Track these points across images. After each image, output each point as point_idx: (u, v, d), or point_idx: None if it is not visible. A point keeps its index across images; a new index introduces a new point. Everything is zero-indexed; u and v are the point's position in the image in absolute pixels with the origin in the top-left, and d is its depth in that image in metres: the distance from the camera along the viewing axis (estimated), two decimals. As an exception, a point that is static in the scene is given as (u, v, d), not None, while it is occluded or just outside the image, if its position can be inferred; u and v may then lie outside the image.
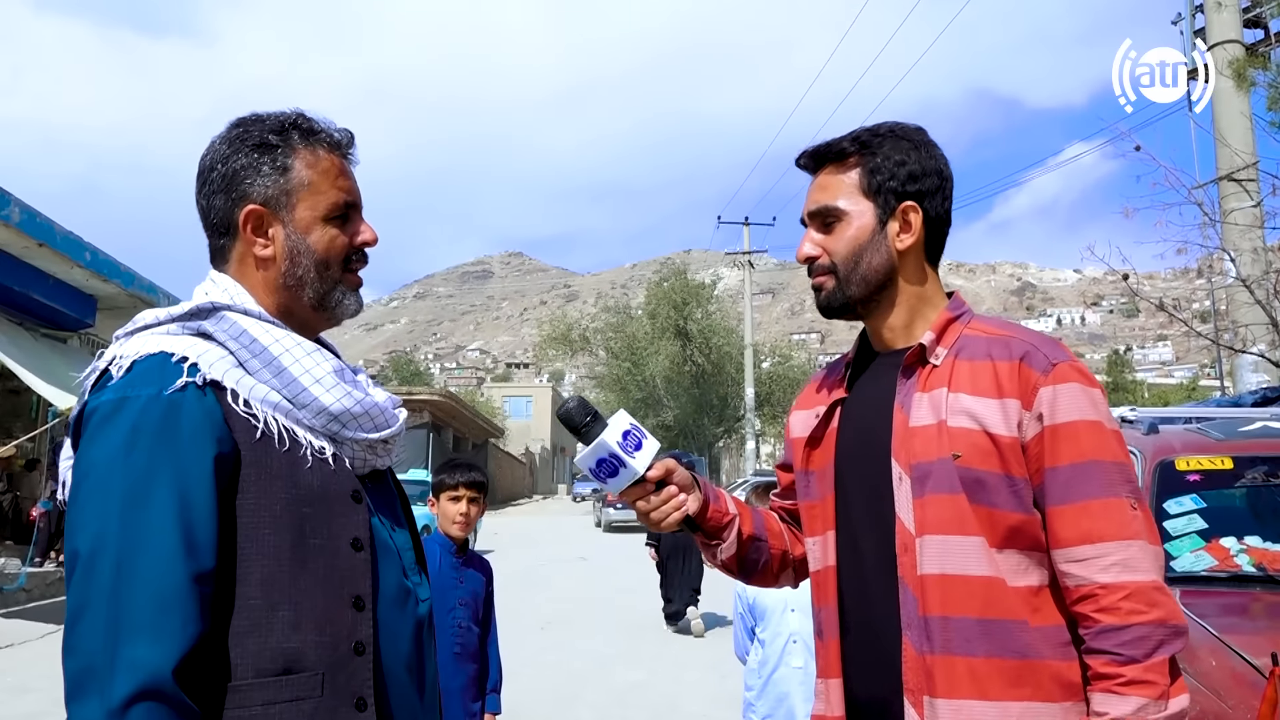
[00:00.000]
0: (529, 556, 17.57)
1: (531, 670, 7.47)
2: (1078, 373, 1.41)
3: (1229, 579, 3.46)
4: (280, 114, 1.40)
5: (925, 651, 1.37)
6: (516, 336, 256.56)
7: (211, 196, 1.38)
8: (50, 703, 6.50)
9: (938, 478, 1.39)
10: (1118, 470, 1.37)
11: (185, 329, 1.31)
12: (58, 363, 12.55)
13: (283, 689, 1.20)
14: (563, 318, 46.29)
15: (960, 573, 1.37)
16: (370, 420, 1.37)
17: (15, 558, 10.97)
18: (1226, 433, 4.16)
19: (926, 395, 1.45)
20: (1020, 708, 1.33)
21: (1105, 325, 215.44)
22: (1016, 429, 1.38)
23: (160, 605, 1.13)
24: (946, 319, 1.51)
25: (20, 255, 12.05)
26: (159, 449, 1.18)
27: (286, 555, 1.24)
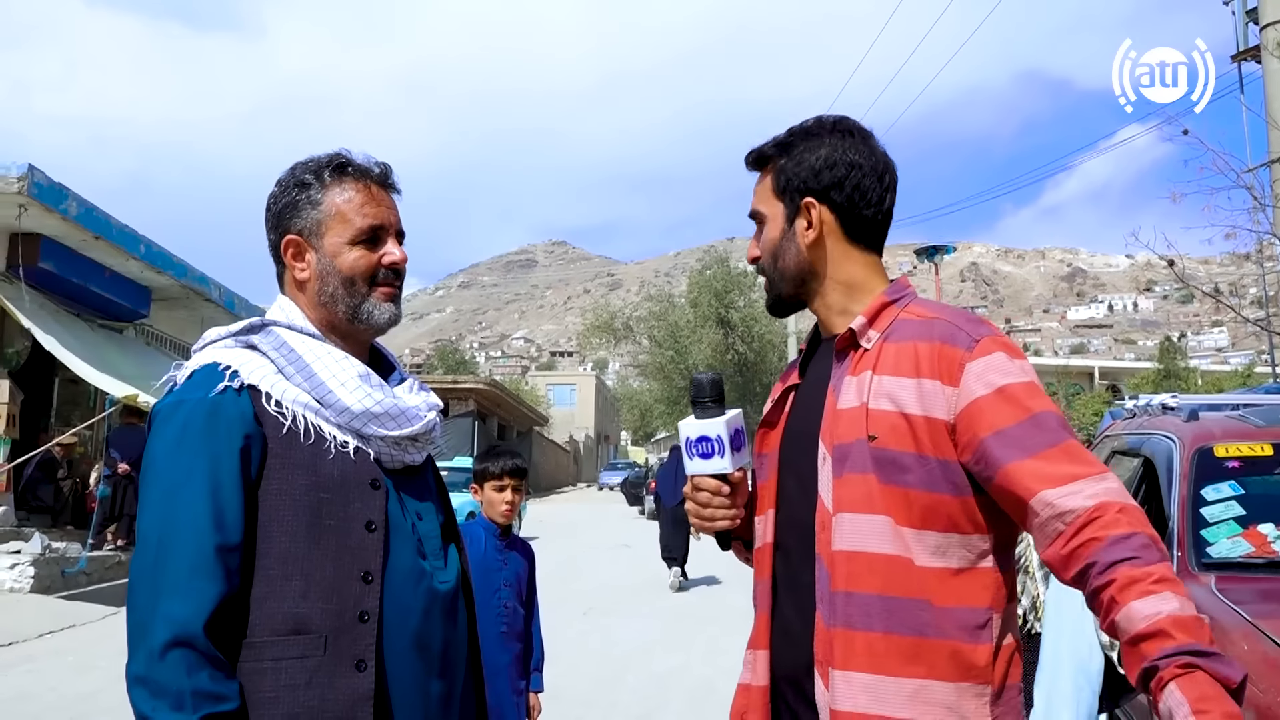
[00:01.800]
0: (572, 544, 17.74)
1: (574, 654, 7.58)
2: (1001, 345, 1.43)
3: (1266, 565, 3.45)
4: (323, 156, 1.62)
5: (831, 625, 1.41)
6: (560, 325, 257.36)
7: (269, 231, 1.63)
8: (110, 680, 6.74)
9: (854, 458, 1.43)
10: (1057, 420, 1.37)
11: (238, 342, 1.55)
12: (114, 353, 12.90)
13: (290, 647, 1.40)
14: (606, 306, 46.47)
15: (865, 550, 1.40)
16: (391, 419, 1.55)
17: (76, 542, 11.30)
18: (1268, 419, 4.12)
19: (855, 378, 1.49)
20: (915, 685, 1.35)
21: (1159, 311, 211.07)
22: (937, 409, 1.40)
23: (192, 570, 1.35)
24: (881, 303, 1.54)
25: (78, 248, 12.41)
26: (199, 444, 1.42)
27: (302, 533, 1.44)
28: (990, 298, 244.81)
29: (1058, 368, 42.29)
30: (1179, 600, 1.18)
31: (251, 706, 1.36)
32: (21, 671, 7.09)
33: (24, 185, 10.52)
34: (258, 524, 1.43)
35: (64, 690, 6.52)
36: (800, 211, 1.57)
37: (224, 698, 1.32)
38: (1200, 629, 1.16)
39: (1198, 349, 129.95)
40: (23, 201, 10.76)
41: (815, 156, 1.57)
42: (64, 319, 12.42)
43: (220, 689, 1.32)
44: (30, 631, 8.44)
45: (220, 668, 1.34)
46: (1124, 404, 5.48)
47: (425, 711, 1.50)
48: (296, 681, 1.39)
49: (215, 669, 1.33)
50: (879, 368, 1.46)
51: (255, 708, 1.36)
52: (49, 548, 10.61)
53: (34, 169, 10.68)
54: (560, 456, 54.42)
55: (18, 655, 7.65)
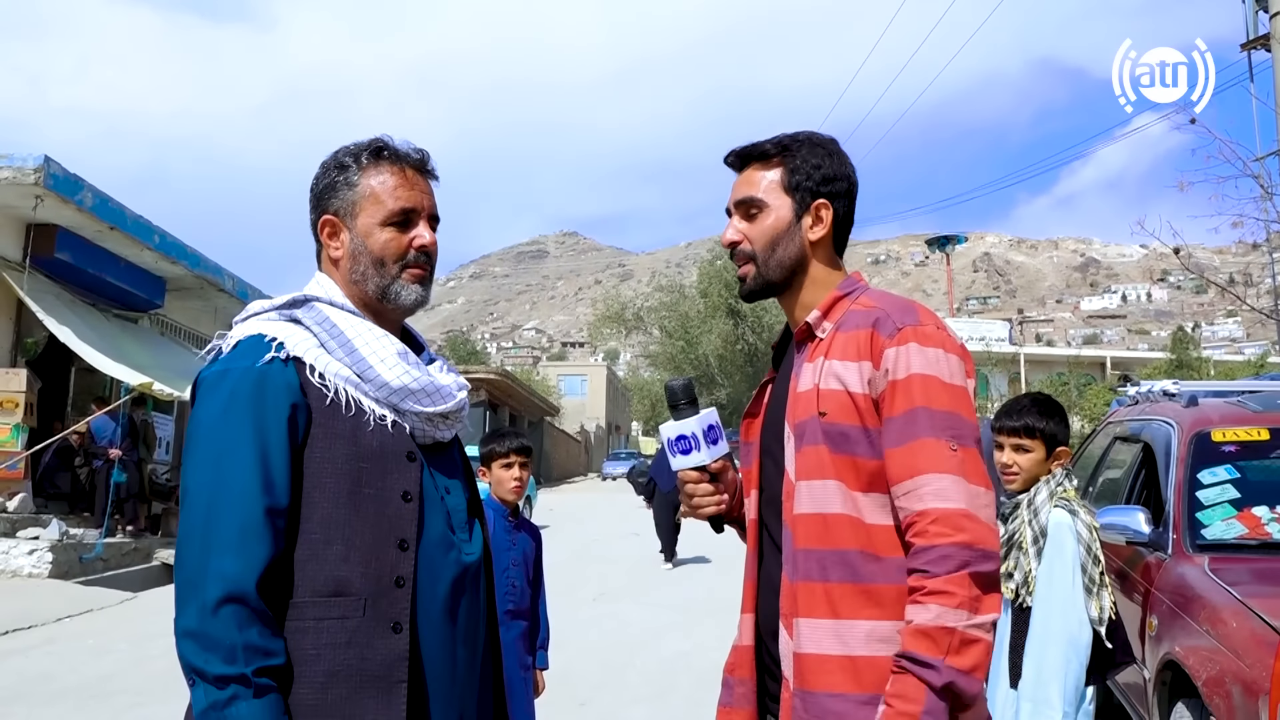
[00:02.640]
0: (583, 532, 17.84)
1: (585, 638, 7.69)
2: (917, 334, 1.57)
3: (1259, 546, 3.52)
4: (363, 141, 1.68)
5: (794, 579, 1.58)
6: (572, 316, 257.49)
7: (310, 210, 1.69)
8: (129, 663, 6.88)
9: (809, 433, 1.60)
10: (943, 417, 1.52)
11: (282, 315, 1.61)
12: (129, 343, 13.03)
13: (331, 608, 1.46)
14: (617, 297, 46.56)
15: (820, 512, 1.57)
16: (427, 396, 1.61)
17: (93, 528, 11.45)
18: (1266, 405, 4.19)
19: (811, 364, 1.65)
20: (868, 626, 1.51)
21: (1172, 302, 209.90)
22: (868, 386, 1.57)
23: (243, 531, 1.41)
24: (834, 297, 1.70)
25: (93, 239, 12.53)
26: (247, 410, 1.48)
27: (344, 500, 1.50)
28: (1003, 288, 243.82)
29: (1069, 358, 42.21)
30: (936, 611, 1.41)
31: (295, 663, 1.42)
32: (42, 653, 7.23)
33: (40, 176, 10.65)
34: (302, 490, 1.49)
35: (84, 671, 6.65)
36: (810, 210, 1.72)
37: (273, 653, 1.39)
38: (939, 639, 1.40)
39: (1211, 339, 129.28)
40: (39, 193, 10.89)
41: (826, 165, 1.73)
42: (79, 309, 12.56)
43: (269, 644, 1.39)
44: (49, 615, 8.58)
45: (269, 624, 1.40)
46: (1128, 391, 5.54)
47: (453, 674, 1.56)
48: (338, 640, 1.45)
49: (265, 625, 1.39)
50: (830, 353, 1.63)
51: (298, 664, 1.43)
52: (66, 534, 10.77)
53: (50, 160, 10.80)
54: (571, 447, 54.56)
55: (39, 638, 7.79)
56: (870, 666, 1.49)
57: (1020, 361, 42.46)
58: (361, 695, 1.44)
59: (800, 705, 1.53)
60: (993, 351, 39.46)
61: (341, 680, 1.44)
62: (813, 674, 1.53)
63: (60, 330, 11.24)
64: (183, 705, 1.45)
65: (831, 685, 1.51)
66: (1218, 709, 2.80)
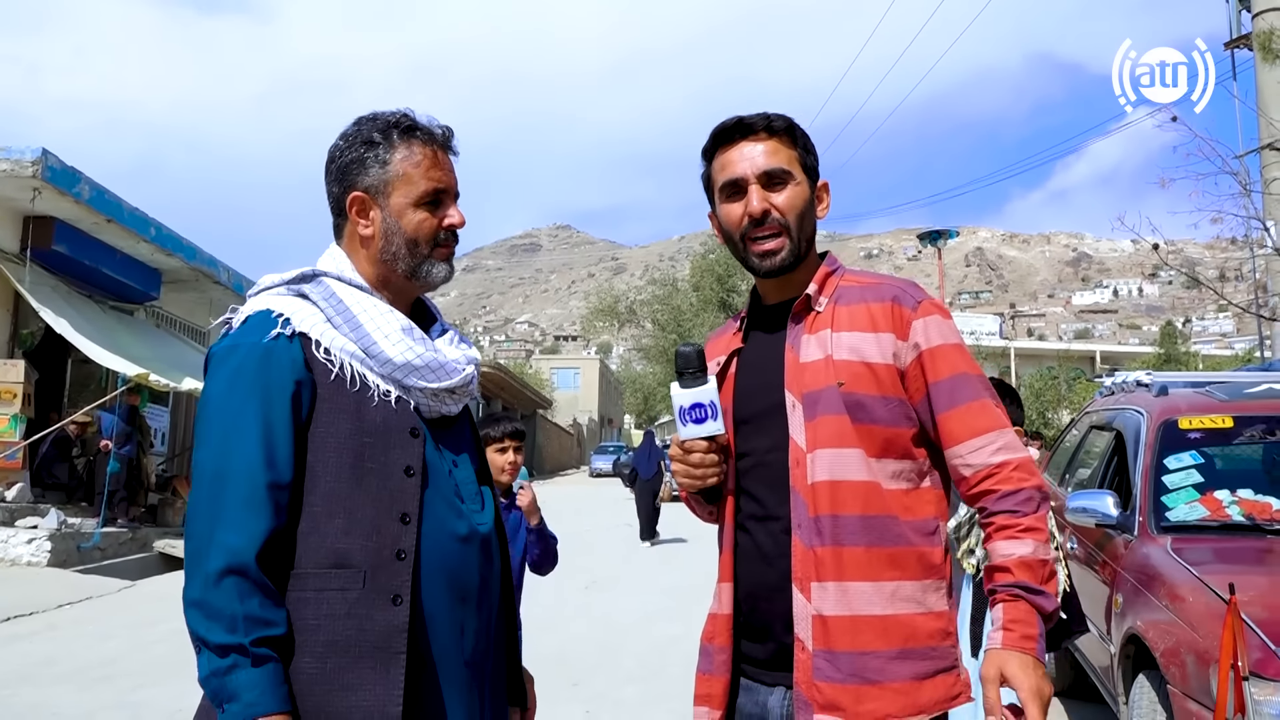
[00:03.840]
0: (576, 523, 17.96)
1: (578, 624, 7.84)
2: (937, 308, 1.71)
3: (1219, 527, 3.69)
4: (389, 113, 1.67)
5: (815, 545, 1.62)
6: (564, 309, 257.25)
7: (331, 184, 1.68)
8: (130, 648, 7.02)
9: (825, 402, 1.65)
10: (981, 379, 1.69)
11: (290, 290, 1.62)
12: (124, 334, 13.11)
13: (331, 579, 1.49)
14: (610, 290, 46.61)
15: (845, 478, 1.63)
16: (431, 372, 1.61)
17: (91, 518, 11.57)
18: (1231, 394, 4.36)
19: (814, 336, 1.71)
20: (894, 585, 1.61)
21: (1163, 296, 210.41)
22: (892, 357, 1.66)
23: (245, 505, 1.44)
24: (825, 273, 1.78)
25: (90, 231, 12.61)
26: (252, 386, 1.50)
27: (346, 474, 1.52)
28: (995, 282, 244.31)
29: (1059, 352, 42.43)
30: (1033, 545, 1.56)
31: (296, 632, 1.44)
32: (45, 639, 7.37)
33: (38, 169, 10.74)
34: (307, 466, 1.51)
35: (87, 655, 6.78)
36: (819, 191, 1.81)
37: (272, 623, 1.41)
38: (1039, 569, 1.55)
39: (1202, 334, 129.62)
40: (37, 185, 10.98)
41: (814, 154, 1.81)
42: (76, 300, 12.65)
43: (269, 615, 1.42)
44: (50, 602, 8.71)
45: (270, 595, 1.43)
46: (1104, 382, 5.71)
47: (459, 644, 1.57)
48: (337, 611, 1.47)
49: (265, 596, 1.42)
50: (836, 326, 1.69)
51: (299, 634, 1.45)
52: (65, 523, 10.89)
53: (48, 153, 10.89)
54: (564, 439, 54.68)
55: (40, 624, 7.92)
56: (897, 623, 1.59)
57: (1010, 355, 42.68)
58: (360, 666, 1.46)
59: (828, 665, 1.58)
60: (983, 345, 39.67)
61: (340, 650, 1.46)
62: (843, 635, 1.58)
63: (57, 322, 11.33)
64: (183, 687, 1.54)
65: (862, 644, 1.58)
66: (1174, 678, 2.96)
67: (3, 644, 7.11)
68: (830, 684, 1.58)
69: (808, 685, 1.60)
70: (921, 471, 1.68)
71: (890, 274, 1.97)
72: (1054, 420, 31.14)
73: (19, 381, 11.36)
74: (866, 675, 1.57)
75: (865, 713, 1.56)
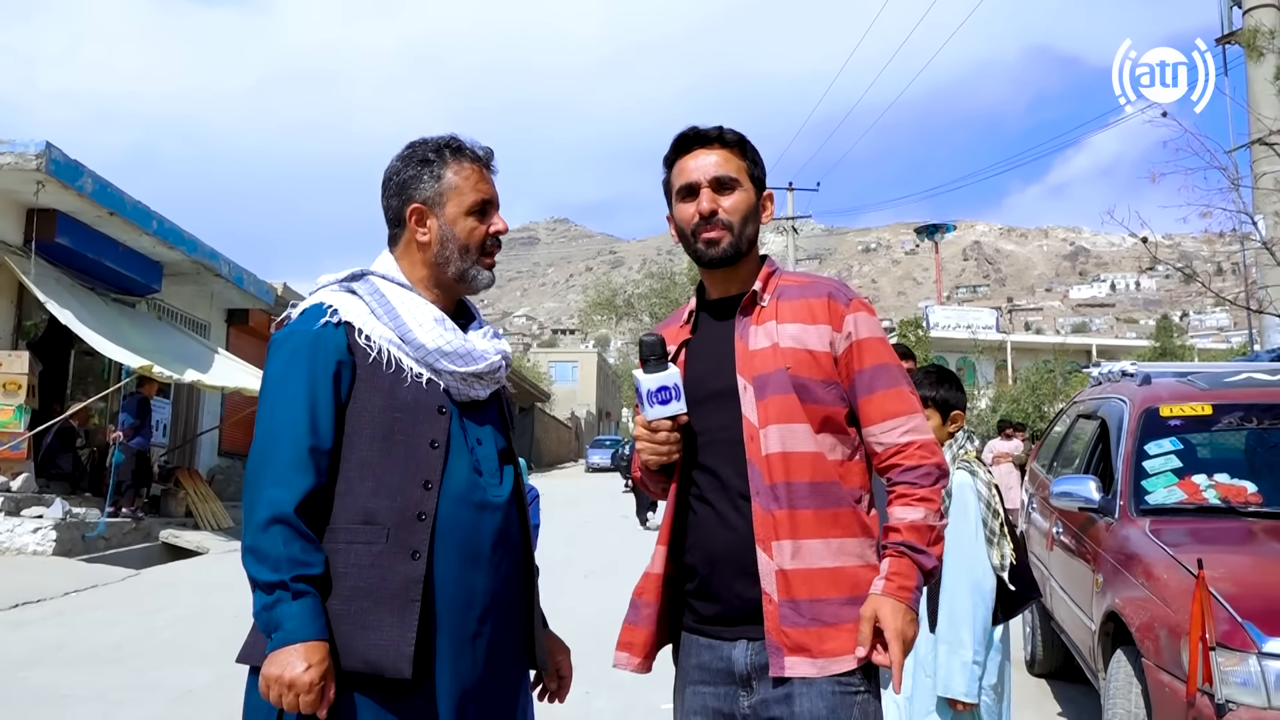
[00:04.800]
0: (575, 514, 18.16)
1: (576, 610, 7.97)
2: (865, 305, 1.97)
3: (1196, 510, 3.83)
4: (438, 137, 1.94)
5: (772, 508, 1.84)
6: (562, 303, 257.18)
7: (389, 198, 1.93)
8: (138, 633, 7.17)
9: (775, 384, 1.88)
10: (898, 369, 1.94)
11: (342, 287, 1.89)
12: (127, 326, 13.22)
13: (359, 534, 1.73)
14: (608, 284, 46.82)
15: (795, 450, 1.86)
16: (459, 358, 1.84)
17: (95, 508, 11.70)
18: (1212, 383, 4.50)
19: (760, 327, 1.94)
20: (839, 542, 1.84)
21: (1161, 291, 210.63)
22: (828, 346, 1.91)
23: (290, 465, 1.70)
24: (767, 273, 2.02)
25: (92, 224, 12.71)
26: (302, 366, 1.77)
27: (378, 444, 1.77)
28: (993, 276, 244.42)
29: (1055, 345, 42.51)
30: (924, 512, 1.83)
31: (330, 578, 1.69)
32: (54, 624, 7.50)
33: (42, 162, 10.84)
34: (345, 435, 1.76)
35: (96, 640, 6.92)
36: (763, 199, 2.04)
37: (311, 564, 1.66)
38: (926, 533, 1.81)
39: (1200, 328, 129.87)
40: (41, 178, 11.08)
41: (762, 166, 2.05)
42: (79, 293, 12.75)
43: (309, 557, 1.66)
44: (57, 590, 8.84)
45: (310, 541, 1.68)
46: (1091, 373, 5.85)
47: (468, 599, 1.77)
48: (363, 562, 1.70)
49: (306, 542, 1.67)
50: (780, 318, 1.93)
51: (332, 579, 1.69)
52: (69, 513, 11.02)
53: (52, 146, 10.99)
54: (562, 433, 54.85)
55: (49, 610, 8.06)
56: (844, 574, 1.83)
57: (1007, 349, 42.83)
58: (380, 610, 1.68)
59: (793, 612, 1.79)
60: (979, 339, 39.79)
61: (364, 595, 1.69)
62: (802, 585, 1.80)
63: (62, 314, 11.44)
64: (193, 670, 1.75)
65: (818, 592, 1.80)
66: (1148, 651, 3.11)
67: (13, 629, 7.25)
68: (796, 629, 1.79)
69: (777, 632, 1.80)
70: (853, 446, 1.92)
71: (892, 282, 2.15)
72: (1050, 413, 31.28)
73: (24, 373, 11.47)
74: (824, 619, 1.79)
75: (828, 651, 1.78)
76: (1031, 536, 5.83)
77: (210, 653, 6.47)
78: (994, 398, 35.65)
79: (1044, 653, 5.71)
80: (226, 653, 2.74)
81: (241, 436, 19.20)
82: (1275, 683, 2.62)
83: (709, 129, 2.03)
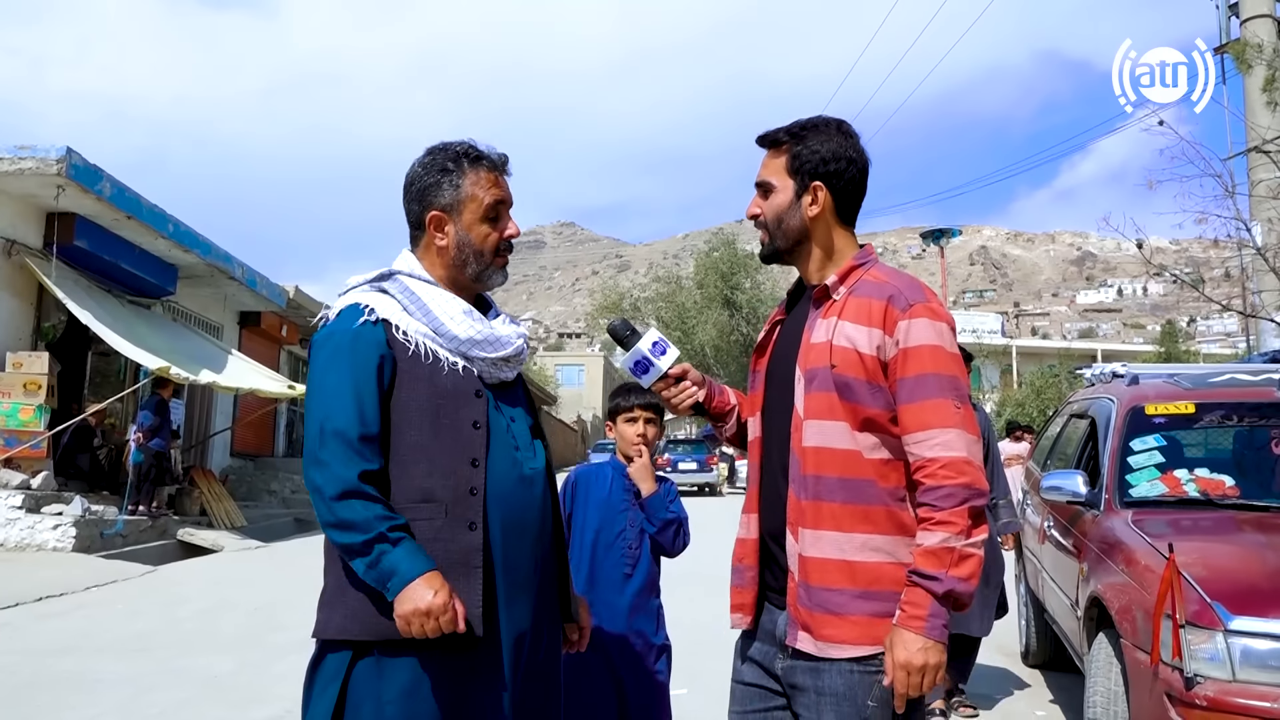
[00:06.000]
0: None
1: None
2: (928, 310, 1.92)
3: (1176, 502, 4.04)
4: (457, 144, 2.07)
5: (802, 498, 1.93)
6: (569, 306, 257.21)
7: (410, 203, 2.08)
8: (161, 625, 7.39)
9: (820, 380, 1.93)
10: (948, 380, 1.88)
11: (373, 287, 2.03)
12: (143, 328, 13.46)
13: (420, 511, 1.89)
14: (614, 287, 46.94)
15: (829, 446, 1.92)
16: (489, 345, 2.01)
17: (113, 506, 11.93)
18: (1196, 383, 4.71)
19: (824, 321, 1.98)
20: (864, 538, 1.89)
21: (1168, 295, 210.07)
22: (877, 350, 1.90)
23: (345, 451, 1.86)
24: (850, 266, 2.02)
25: (110, 227, 12.97)
26: (346, 361, 1.92)
27: (427, 429, 1.93)
28: (999, 281, 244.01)
29: (1061, 350, 42.69)
30: (941, 536, 1.80)
31: None
32: (79, 616, 7.72)
33: (63, 167, 11.10)
34: (392, 423, 1.90)
35: (120, 631, 7.14)
36: (808, 190, 2.02)
37: (395, 518, 1.82)
38: (944, 557, 1.79)
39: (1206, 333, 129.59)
40: (61, 183, 11.34)
41: (825, 149, 2.02)
42: (96, 295, 13.00)
43: (391, 514, 1.82)
44: (78, 584, 9.06)
45: (386, 505, 1.83)
46: (1085, 373, 6.06)
47: (517, 561, 1.95)
48: (426, 536, 1.85)
49: (383, 506, 1.82)
50: (843, 315, 1.95)
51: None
52: (89, 510, 11.26)
53: (72, 151, 11.25)
54: (569, 436, 55.04)
55: (71, 604, 8.28)
56: (864, 569, 1.87)
57: (1012, 354, 42.99)
58: (449, 576, 1.83)
59: (804, 595, 1.90)
60: (984, 344, 39.92)
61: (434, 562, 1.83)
62: (815, 572, 1.89)
63: (82, 315, 11.70)
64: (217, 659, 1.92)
65: (830, 582, 1.88)
66: (1125, 631, 3.31)
67: (40, 620, 7.48)
68: (805, 609, 1.92)
69: (794, 609, 1.94)
70: (895, 448, 1.92)
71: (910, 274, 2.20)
72: (1054, 417, 31.36)
73: (44, 373, 11.72)
74: (829, 607, 1.89)
75: (825, 636, 1.89)
76: (1026, 532, 6.04)
77: (232, 642, 6.71)
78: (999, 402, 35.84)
79: (1037, 644, 5.91)
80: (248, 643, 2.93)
81: (253, 438, 19.50)
82: (1240, 658, 2.81)
83: (764, 133, 2.11)
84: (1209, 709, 2.79)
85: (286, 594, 8.54)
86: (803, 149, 2.04)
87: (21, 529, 10.64)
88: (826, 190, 2.04)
